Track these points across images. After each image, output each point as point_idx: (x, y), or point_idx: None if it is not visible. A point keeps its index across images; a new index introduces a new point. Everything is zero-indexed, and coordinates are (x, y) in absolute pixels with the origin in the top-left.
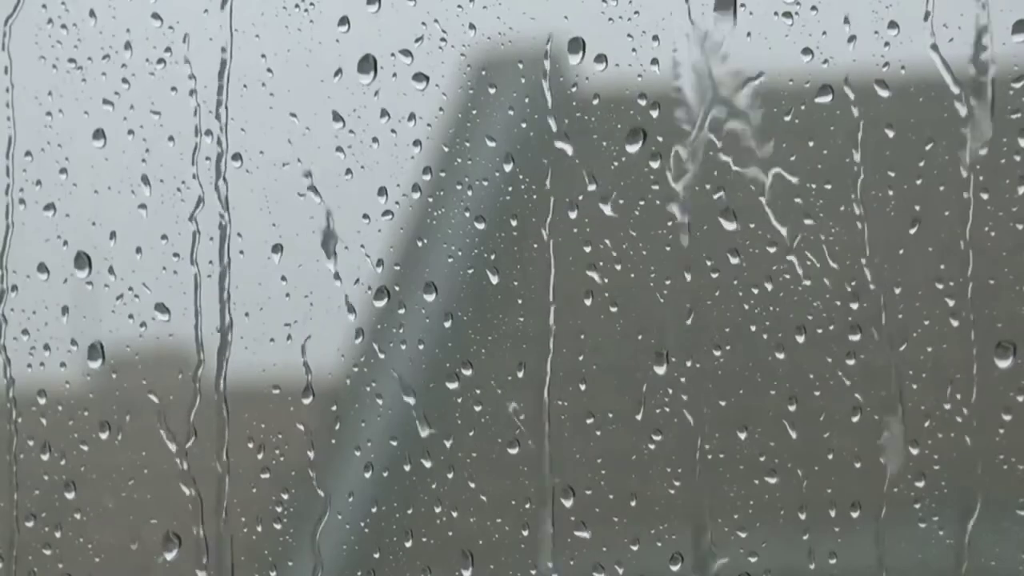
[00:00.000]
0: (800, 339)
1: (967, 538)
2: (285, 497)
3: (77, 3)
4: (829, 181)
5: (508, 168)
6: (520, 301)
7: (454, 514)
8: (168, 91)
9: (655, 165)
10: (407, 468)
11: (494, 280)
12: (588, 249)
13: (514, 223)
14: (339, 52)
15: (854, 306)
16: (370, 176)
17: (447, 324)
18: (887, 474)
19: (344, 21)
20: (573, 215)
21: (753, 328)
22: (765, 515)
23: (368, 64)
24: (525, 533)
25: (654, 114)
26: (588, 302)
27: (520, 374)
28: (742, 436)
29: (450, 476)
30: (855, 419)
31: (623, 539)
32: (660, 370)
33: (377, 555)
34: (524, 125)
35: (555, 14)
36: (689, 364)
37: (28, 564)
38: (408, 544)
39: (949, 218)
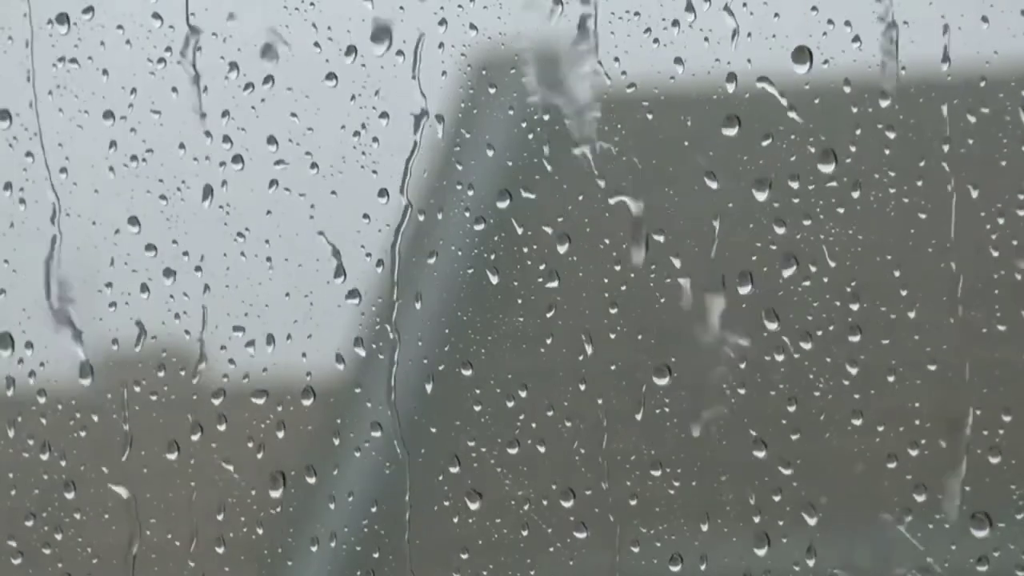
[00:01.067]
0: (800, 340)
1: (968, 538)
2: (285, 497)
3: (77, 3)
4: (829, 181)
5: (508, 168)
6: (520, 301)
7: (454, 514)
8: (168, 91)
9: (654, 165)
10: (407, 468)
11: (494, 280)
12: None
13: (514, 223)
14: (340, 52)
15: (854, 306)
16: (370, 176)
17: (447, 324)
18: (887, 475)
19: (345, 23)
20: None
21: (753, 329)
22: (765, 515)
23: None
24: (525, 533)
25: (653, 114)
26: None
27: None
28: (742, 437)
29: (450, 476)
30: (856, 421)
31: (623, 539)
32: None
33: (377, 555)
34: (524, 125)
35: (556, 15)
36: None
37: (28, 564)
38: (408, 544)
39: (948, 218)
